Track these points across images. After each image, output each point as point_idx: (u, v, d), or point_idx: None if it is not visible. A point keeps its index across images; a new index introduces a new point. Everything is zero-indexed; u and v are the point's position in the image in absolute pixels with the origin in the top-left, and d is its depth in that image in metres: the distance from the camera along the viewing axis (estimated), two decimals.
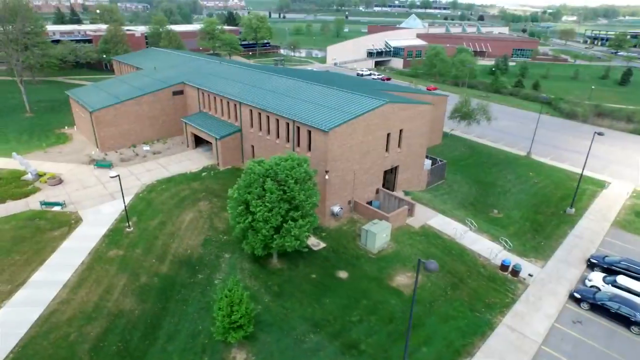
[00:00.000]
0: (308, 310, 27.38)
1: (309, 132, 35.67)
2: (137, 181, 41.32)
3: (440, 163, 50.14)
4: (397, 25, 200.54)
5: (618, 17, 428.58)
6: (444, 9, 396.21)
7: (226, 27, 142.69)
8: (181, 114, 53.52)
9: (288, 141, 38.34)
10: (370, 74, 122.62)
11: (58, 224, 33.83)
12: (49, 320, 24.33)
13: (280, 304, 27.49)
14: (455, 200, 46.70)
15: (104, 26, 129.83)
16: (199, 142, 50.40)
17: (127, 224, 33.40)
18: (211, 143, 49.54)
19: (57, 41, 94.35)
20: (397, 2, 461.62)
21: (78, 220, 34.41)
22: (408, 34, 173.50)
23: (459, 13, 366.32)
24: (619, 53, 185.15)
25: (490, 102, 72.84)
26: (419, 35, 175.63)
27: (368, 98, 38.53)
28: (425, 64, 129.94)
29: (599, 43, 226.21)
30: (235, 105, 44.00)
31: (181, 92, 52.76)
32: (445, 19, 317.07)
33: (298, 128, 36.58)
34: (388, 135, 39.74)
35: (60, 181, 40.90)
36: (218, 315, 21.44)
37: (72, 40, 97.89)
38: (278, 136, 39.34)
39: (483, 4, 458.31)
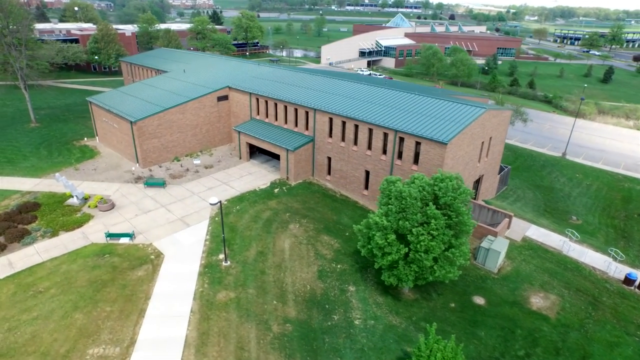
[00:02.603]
0: (470, 347, 24.02)
1: (417, 144, 32.13)
2: (202, 202, 36.01)
3: (506, 169, 48.19)
4: (384, 25, 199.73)
5: (574, 17, 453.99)
6: (415, 7, 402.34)
7: (217, 27, 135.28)
8: (225, 121, 48.17)
9: (384, 153, 34.56)
10: (369, 74, 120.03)
11: (136, 260, 28.24)
12: None
13: None
14: (529, 207, 44.88)
15: (84, 25, 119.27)
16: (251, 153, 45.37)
17: (224, 258, 28.40)
18: (270, 154, 44.87)
19: (41, 41, 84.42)
20: (366, 1, 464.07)
21: (158, 255, 28.93)
22: (396, 33, 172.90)
23: (430, 12, 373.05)
24: (591, 52, 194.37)
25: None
26: (407, 35, 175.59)
27: (465, 105, 35.57)
28: (423, 64, 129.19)
29: (568, 42, 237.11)
30: (306, 112, 39.53)
31: (226, 98, 47.40)
32: (418, 17, 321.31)
33: (401, 139, 32.89)
34: (482, 144, 37.03)
35: (113, 205, 34.85)
36: None
37: (57, 40, 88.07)
38: (370, 147, 35.45)
39: (449, 3, 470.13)
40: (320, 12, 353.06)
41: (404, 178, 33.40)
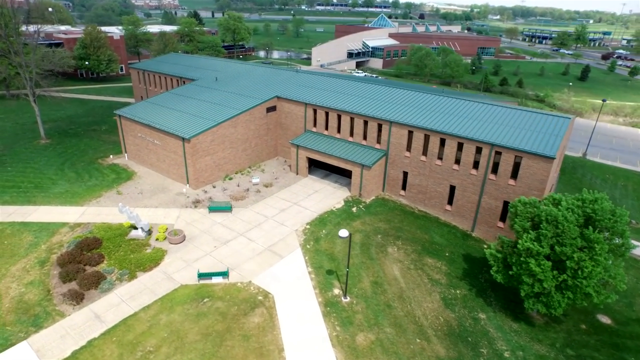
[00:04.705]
0: None
1: (516, 158, 30.75)
2: (282, 227, 32.87)
3: (556, 174, 48.22)
4: (367, 25, 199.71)
5: (532, 17, 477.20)
6: (384, 7, 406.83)
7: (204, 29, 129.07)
8: (272, 134, 44.87)
9: (475, 167, 32.94)
10: (364, 76, 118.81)
11: (244, 303, 24.92)
12: None
13: None
14: None
15: (62, 27, 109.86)
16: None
17: (343, 293, 25.69)
18: (328, 168, 42.18)
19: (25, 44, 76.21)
20: (335, 1, 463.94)
21: (266, 295, 25.71)
22: (381, 34, 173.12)
23: (400, 12, 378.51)
24: (560, 50, 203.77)
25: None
26: (391, 35, 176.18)
27: (548, 115, 34.70)
28: (416, 64, 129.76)
29: (537, 41, 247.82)
30: (379, 125, 37.19)
31: (274, 109, 44.12)
32: (390, 17, 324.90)
33: (497, 153, 31.39)
34: (560, 154, 36.38)
35: (184, 237, 31.01)
36: None
37: (40, 44, 79.84)
38: (457, 162, 33.71)
39: (414, 1, 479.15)
40: (292, 12, 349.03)
41: (500, 194, 32.01)
